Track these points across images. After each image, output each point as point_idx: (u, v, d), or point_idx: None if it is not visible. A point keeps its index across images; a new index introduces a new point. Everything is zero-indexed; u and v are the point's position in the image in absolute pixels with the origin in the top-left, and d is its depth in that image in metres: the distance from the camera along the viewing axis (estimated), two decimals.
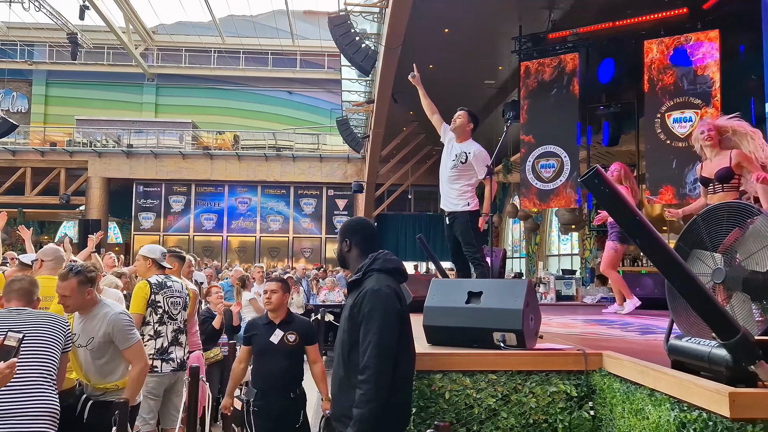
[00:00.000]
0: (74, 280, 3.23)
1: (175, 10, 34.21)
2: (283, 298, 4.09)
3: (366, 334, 2.41)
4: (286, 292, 4.12)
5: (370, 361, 2.36)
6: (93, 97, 26.71)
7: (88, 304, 3.33)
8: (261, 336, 4.03)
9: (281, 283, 4.14)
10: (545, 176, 10.02)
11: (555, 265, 18.28)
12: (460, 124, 4.82)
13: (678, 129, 8.82)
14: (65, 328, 3.12)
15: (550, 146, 9.99)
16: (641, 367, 2.42)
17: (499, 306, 2.94)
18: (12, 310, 3.03)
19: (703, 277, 2.34)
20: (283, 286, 4.11)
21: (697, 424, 1.96)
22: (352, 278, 2.61)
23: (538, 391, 2.76)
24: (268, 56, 26.89)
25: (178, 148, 23.45)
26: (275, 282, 4.13)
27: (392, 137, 19.43)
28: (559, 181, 9.88)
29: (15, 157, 22.44)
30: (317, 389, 4.19)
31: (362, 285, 2.53)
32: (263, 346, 4.00)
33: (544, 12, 10.54)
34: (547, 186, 10.01)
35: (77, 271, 3.27)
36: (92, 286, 3.33)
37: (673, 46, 8.98)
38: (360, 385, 2.36)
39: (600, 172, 2.08)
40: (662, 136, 8.95)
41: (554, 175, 9.92)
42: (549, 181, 9.96)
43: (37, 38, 24.53)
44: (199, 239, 23.61)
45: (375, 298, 2.44)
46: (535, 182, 10.12)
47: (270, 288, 4.09)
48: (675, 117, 8.88)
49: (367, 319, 2.42)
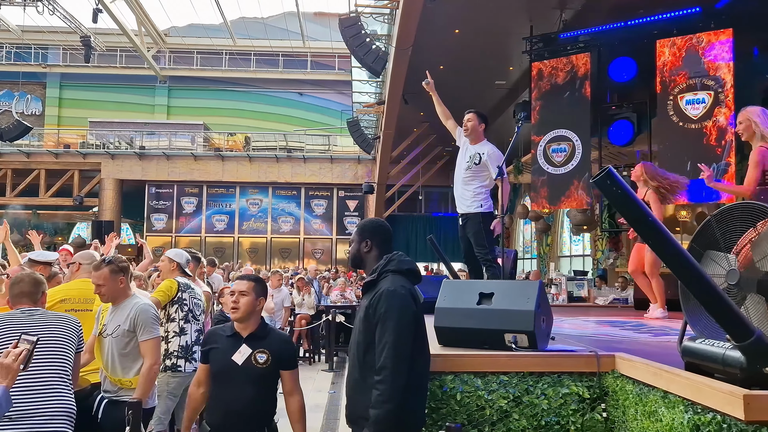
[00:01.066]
0: (107, 269, 3.40)
1: (186, 12, 34.48)
2: (254, 303, 3.10)
3: (382, 334, 2.42)
4: (260, 296, 3.13)
5: (386, 361, 2.36)
6: (106, 100, 26.92)
7: (121, 294, 3.47)
8: (221, 352, 3.03)
9: (253, 283, 3.16)
10: (557, 161, 9.96)
11: (566, 266, 18.20)
12: (472, 127, 4.87)
13: (691, 111, 8.68)
14: (77, 329, 3.18)
15: (561, 130, 9.92)
16: (654, 369, 2.40)
17: (511, 307, 2.93)
18: (24, 311, 3.07)
19: (717, 278, 2.32)
20: (256, 288, 3.14)
21: (711, 426, 1.94)
22: (367, 279, 2.62)
23: (550, 393, 2.74)
24: (278, 58, 26.99)
25: (189, 149, 23.60)
26: (246, 281, 3.15)
27: (403, 138, 19.44)
28: (571, 165, 9.78)
29: (29, 159, 22.67)
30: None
31: (377, 286, 2.53)
32: (223, 367, 3.01)
33: (556, 12, 10.50)
34: (558, 171, 9.93)
35: (109, 261, 3.46)
36: (124, 276, 3.47)
37: (685, 48, 8.92)
38: (376, 385, 2.36)
39: (612, 173, 2.07)
40: (674, 118, 8.82)
41: (566, 159, 9.85)
42: (560, 165, 9.88)
43: (51, 41, 24.78)
44: (210, 240, 23.73)
45: (391, 298, 2.44)
46: (546, 167, 10.03)
47: (238, 288, 3.11)
48: (688, 99, 8.74)
49: (383, 319, 2.43)
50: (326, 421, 6.75)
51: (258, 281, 3.20)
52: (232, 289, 3.21)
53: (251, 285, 3.13)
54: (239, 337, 3.05)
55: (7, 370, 2.44)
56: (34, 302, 3.14)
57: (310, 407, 7.50)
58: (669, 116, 8.92)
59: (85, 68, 24.95)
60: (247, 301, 3.07)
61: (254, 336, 3.05)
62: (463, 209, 4.86)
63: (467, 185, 4.84)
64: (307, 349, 11.27)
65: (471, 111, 4.95)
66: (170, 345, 4.23)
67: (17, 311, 3.10)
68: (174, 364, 4.20)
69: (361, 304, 2.65)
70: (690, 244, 2.50)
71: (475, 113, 4.93)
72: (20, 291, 3.12)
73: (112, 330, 3.42)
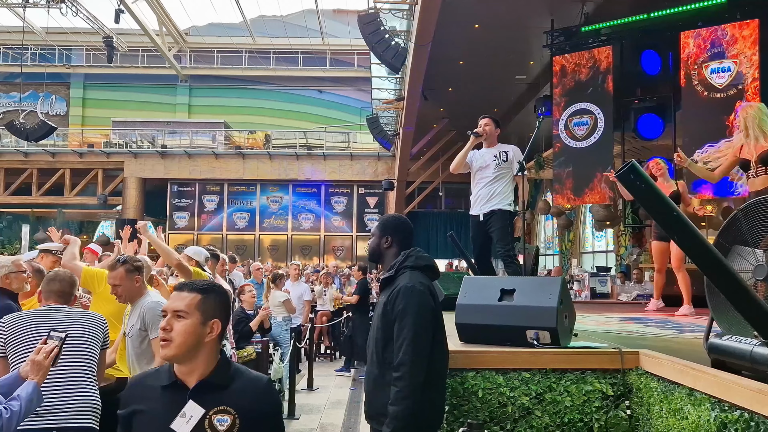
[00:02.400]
0: (122, 269, 3.43)
1: (206, 11, 34.71)
2: (199, 330, 1.83)
3: (400, 330, 2.41)
4: (212, 317, 1.86)
5: (404, 357, 2.36)
6: (128, 99, 27.25)
7: (137, 293, 3.49)
8: (151, 417, 1.80)
9: (200, 296, 1.86)
10: (578, 134, 9.88)
11: (589, 263, 18.02)
12: (490, 131, 5.02)
13: (716, 79, 8.56)
14: (103, 327, 3.24)
15: (583, 104, 9.87)
16: (680, 366, 2.36)
17: (533, 304, 2.91)
18: (51, 309, 3.14)
19: (745, 273, 2.27)
20: (205, 303, 1.86)
21: (739, 424, 1.91)
22: (385, 275, 2.61)
23: (573, 390, 2.72)
24: (298, 56, 27.08)
25: (210, 148, 23.80)
26: (186, 293, 1.86)
27: (422, 134, 19.39)
28: (593, 138, 9.71)
29: (54, 158, 23.06)
30: None
31: (395, 282, 2.52)
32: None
33: (577, 5, 10.37)
34: (580, 144, 9.86)
35: (124, 261, 3.49)
36: (140, 274, 3.49)
37: (709, 39, 8.75)
38: (395, 382, 2.36)
39: (636, 167, 2.04)
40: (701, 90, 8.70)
41: (588, 132, 9.78)
42: (582, 138, 9.82)
43: (74, 42, 25.13)
44: (232, 238, 23.92)
45: (409, 294, 2.44)
46: (568, 141, 9.97)
47: (172, 307, 1.84)
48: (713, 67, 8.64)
49: (401, 315, 2.42)
50: (348, 417, 6.77)
51: (209, 292, 1.89)
52: (163, 308, 1.89)
53: (195, 300, 1.84)
54: (181, 388, 1.81)
55: (39, 366, 2.49)
56: (65, 302, 3.21)
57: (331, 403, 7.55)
58: (694, 106, 8.80)
59: (107, 68, 25.30)
60: (185, 328, 1.81)
61: (207, 385, 1.81)
62: (488, 208, 4.91)
63: (494, 184, 4.93)
64: (328, 345, 11.32)
65: (486, 116, 5.10)
66: None
67: (44, 308, 3.17)
68: None
69: (379, 301, 2.64)
70: (716, 239, 2.46)
71: (491, 118, 5.09)
72: (53, 289, 3.20)
73: (129, 330, 3.46)
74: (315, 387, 8.34)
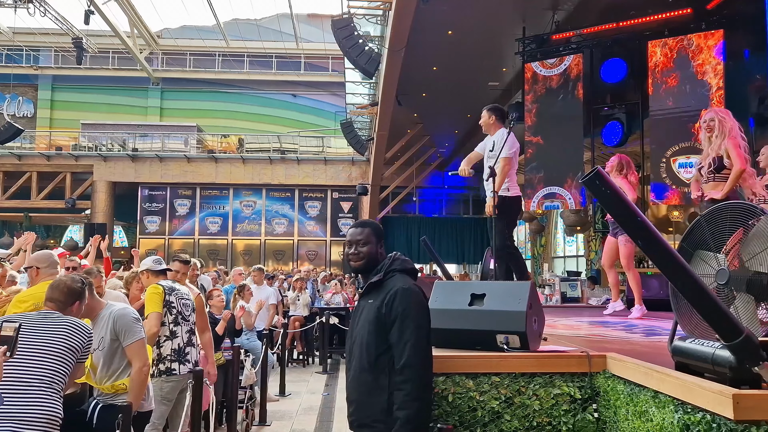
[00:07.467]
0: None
1: (179, 14, 34.36)
2: None
3: (402, 333, 2.41)
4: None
5: (410, 360, 2.36)
6: (98, 102, 26.80)
7: (93, 308, 3.40)
8: None
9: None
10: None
11: (560, 267, 18.23)
12: (484, 122, 5.22)
13: (684, 174, 8.89)
14: (85, 334, 3.13)
15: (554, 187, 10.20)
16: (645, 369, 2.41)
17: (503, 308, 2.93)
18: (41, 313, 3.11)
19: (707, 278, 2.33)
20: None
21: (701, 426, 1.95)
22: (373, 279, 2.58)
23: (541, 394, 2.74)
24: (272, 59, 26.95)
25: (182, 151, 23.52)
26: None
27: (396, 139, 19.43)
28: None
29: (21, 161, 22.55)
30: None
31: (386, 285, 2.52)
32: None
33: (548, 13, 10.53)
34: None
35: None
36: (88, 292, 3.34)
37: (676, 49, 8.96)
38: (401, 385, 2.35)
39: (601, 173, 2.07)
40: (667, 181, 9.02)
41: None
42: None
43: (42, 43, 24.63)
44: (204, 243, 23.65)
45: (408, 296, 2.46)
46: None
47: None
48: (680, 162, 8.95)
49: (402, 318, 2.42)
50: (320, 423, 6.73)
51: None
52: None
53: None
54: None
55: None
56: (61, 309, 3.14)
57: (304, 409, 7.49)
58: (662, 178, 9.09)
59: (77, 70, 24.80)
60: None
61: None
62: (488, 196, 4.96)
63: (486, 172, 4.98)
64: (301, 351, 11.25)
65: (486, 107, 5.29)
66: (162, 349, 4.21)
67: (35, 312, 3.16)
68: (168, 368, 4.18)
69: (363, 306, 2.60)
70: (680, 243, 2.51)
71: (487, 108, 5.27)
72: (50, 296, 3.15)
73: (97, 344, 3.38)
74: (287, 393, 8.28)
